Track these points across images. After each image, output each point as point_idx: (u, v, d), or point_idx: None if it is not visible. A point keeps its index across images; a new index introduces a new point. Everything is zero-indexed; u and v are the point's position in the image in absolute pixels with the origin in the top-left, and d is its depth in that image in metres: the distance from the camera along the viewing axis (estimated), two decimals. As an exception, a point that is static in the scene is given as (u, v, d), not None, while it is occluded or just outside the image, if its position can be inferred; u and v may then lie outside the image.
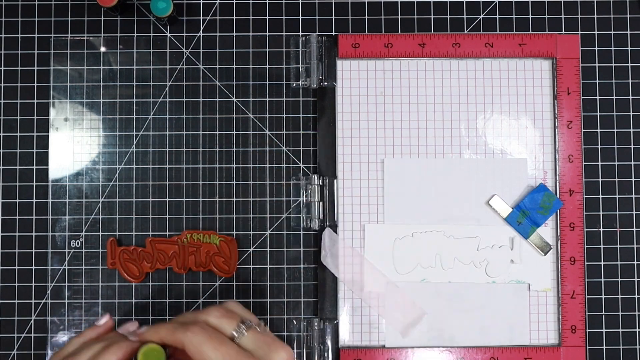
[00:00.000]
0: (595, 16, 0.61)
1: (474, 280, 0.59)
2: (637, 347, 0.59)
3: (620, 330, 0.59)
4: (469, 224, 0.59)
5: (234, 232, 0.59)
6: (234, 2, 0.61)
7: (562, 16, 0.61)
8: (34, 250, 0.59)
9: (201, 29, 0.61)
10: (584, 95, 0.60)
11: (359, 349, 0.58)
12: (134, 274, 0.58)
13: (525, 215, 0.59)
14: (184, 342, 0.43)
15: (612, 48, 0.61)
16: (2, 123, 0.60)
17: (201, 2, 0.61)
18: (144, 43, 0.60)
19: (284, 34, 0.61)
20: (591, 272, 0.59)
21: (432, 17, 0.61)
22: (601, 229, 0.60)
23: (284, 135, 0.60)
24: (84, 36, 0.60)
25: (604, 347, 0.59)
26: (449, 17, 0.61)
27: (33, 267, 0.59)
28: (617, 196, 0.60)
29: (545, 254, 0.59)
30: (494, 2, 0.61)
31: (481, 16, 0.61)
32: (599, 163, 0.60)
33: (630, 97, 0.60)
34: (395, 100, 0.60)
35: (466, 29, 0.61)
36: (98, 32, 0.60)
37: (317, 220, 0.58)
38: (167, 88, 0.60)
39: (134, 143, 0.59)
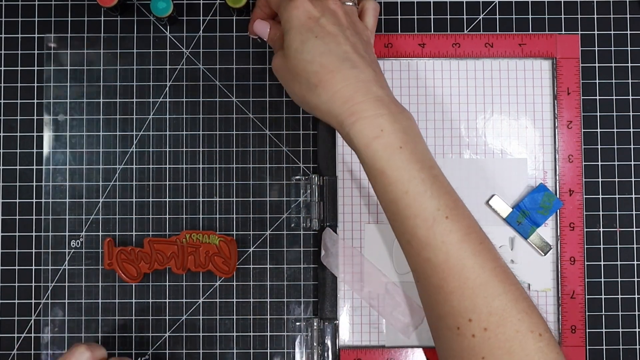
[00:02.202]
0: (595, 16, 0.61)
1: (473, 281, 0.59)
2: (637, 347, 0.59)
3: (620, 330, 0.59)
4: (468, 224, 0.59)
5: (234, 232, 0.59)
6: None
7: (562, 16, 0.61)
8: (34, 250, 0.59)
9: (201, 29, 0.61)
10: (584, 95, 0.60)
11: (359, 349, 0.58)
12: (131, 274, 0.58)
13: (525, 215, 0.58)
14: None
15: (612, 48, 0.60)
16: (2, 123, 0.60)
17: (201, 2, 0.61)
18: (144, 43, 0.60)
19: (283, 34, 0.60)
20: (591, 272, 0.59)
21: (432, 17, 0.61)
22: (601, 229, 0.60)
23: (284, 135, 0.60)
24: (84, 36, 0.60)
25: (604, 347, 0.59)
26: (449, 17, 0.61)
27: (33, 267, 0.59)
28: (617, 196, 0.60)
29: (545, 254, 0.59)
30: (494, 2, 0.61)
31: (481, 16, 0.61)
32: (599, 163, 0.60)
33: (630, 97, 0.60)
34: (395, 100, 0.60)
35: (466, 29, 0.61)
36: (98, 32, 0.60)
37: (317, 220, 0.58)
38: (167, 88, 0.60)
39: (134, 143, 0.59)
